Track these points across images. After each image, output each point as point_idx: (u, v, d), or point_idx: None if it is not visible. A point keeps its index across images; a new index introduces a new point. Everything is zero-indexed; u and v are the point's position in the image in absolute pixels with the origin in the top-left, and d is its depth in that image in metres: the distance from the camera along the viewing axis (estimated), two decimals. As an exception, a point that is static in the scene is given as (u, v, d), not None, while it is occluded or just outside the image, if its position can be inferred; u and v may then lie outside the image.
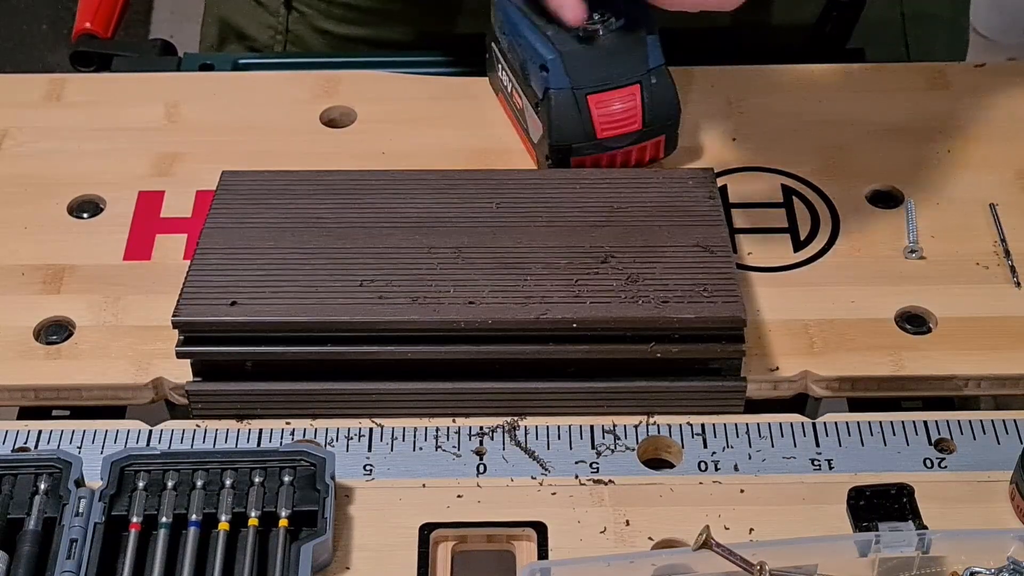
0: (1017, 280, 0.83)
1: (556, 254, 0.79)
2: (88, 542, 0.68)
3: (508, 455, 0.75)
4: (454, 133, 0.94)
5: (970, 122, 0.94)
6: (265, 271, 0.78)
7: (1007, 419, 0.76)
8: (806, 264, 0.85)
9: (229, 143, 0.93)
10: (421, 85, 0.98)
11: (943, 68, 0.98)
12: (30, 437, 0.76)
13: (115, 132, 0.95)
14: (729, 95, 0.96)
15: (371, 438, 0.76)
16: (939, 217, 0.87)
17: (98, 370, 0.79)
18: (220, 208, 0.82)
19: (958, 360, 0.79)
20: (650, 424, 0.77)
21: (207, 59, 1.04)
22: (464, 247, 0.79)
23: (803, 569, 0.68)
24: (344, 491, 0.73)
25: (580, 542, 0.71)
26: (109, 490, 0.70)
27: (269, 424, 0.77)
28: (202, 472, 0.71)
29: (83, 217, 0.89)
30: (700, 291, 0.76)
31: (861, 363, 0.79)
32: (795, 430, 0.76)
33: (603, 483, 0.74)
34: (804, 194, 0.89)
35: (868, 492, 0.72)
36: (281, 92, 0.98)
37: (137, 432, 0.76)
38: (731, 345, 0.76)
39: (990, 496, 0.73)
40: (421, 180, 0.84)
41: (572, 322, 0.75)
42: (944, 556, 0.69)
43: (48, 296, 0.83)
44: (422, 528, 0.71)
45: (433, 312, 0.75)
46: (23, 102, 0.97)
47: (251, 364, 0.77)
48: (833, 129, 0.94)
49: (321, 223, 0.81)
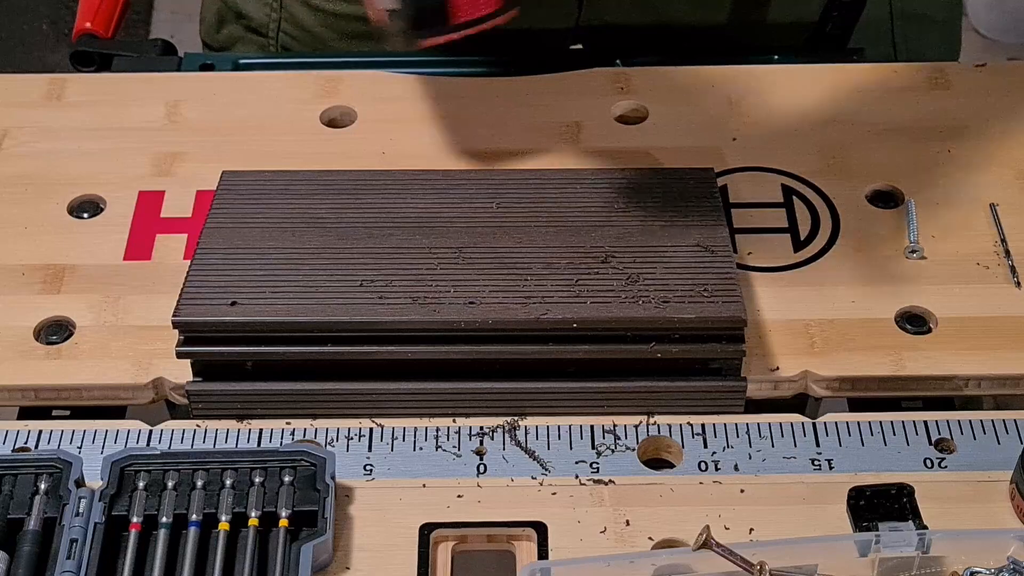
0: (1017, 280, 0.83)
1: (556, 254, 0.79)
2: (88, 542, 0.68)
3: (508, 455, 0.75)
4: (454, 133, 0.94)
5: (970, 122, 0.94)
6: (265, 271, 0.78)
7: (1007, 419, 0.76)
8: (806, 264, 0.85)
9: (229, 143, 0.93)
10: (421, 85, 0.98)
11: (943, 68, 0.98)
12: (30, 437, 0.76)
13: (115, 132, 0.95)
14: (729, 95, 0.96)
15: (371, 438, 0.76)
16: (939, 217, 0.87)
17: (98, 370, 0.79)
18: (220, 208, 0.82)
19: (958, 360, 0.79)
20: (650, 424, 0.77)
21: (207, 59, 1.04)
22: (464, 247, 0.79)
23: (803, 569, 0.68)
24: (344, 491, 0.73)
25: (580, 542, 0.71)
26: (109, 490, 0.70)
27: (269, 424, 0.77)
28: (202, 472, 0.71)
29: (83, 217, 0.89)
30: (700, 291, 0.76)
31: (861, 363, 0.79)
32: (795, 430, 0.76)
33: (603, 483, 0.74)
34: (804, 194, 0.89)
35: (868, 492, 0.72)
36: (281, 92, 0.98)
37: (137, 432, 0.76)
38: (731, 345, 0.76)
39: (990, 496, 0.73)
40: (421, 180, 0.84)
41: (572, 322, 0.75)
42: (944, 556, 0.69)
43: (48, 296, 0.83)
44: (422, 528, 0.71)
45: (433, 312, 0.75)
46: (23, 102, 0.97)
47: (251, 364, 0.77)
48: (833, 129, 0.94)
49: (321, 223, 0.81)
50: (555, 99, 0.96)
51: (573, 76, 0.98)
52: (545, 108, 0.96)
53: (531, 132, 0.94)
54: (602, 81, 0.98)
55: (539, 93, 0.97)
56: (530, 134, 0.93)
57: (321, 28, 1.09)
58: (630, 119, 0.95)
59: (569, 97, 0.96)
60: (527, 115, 0.95)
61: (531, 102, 0.96)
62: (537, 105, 0.96)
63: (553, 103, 0.96)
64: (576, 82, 0.98)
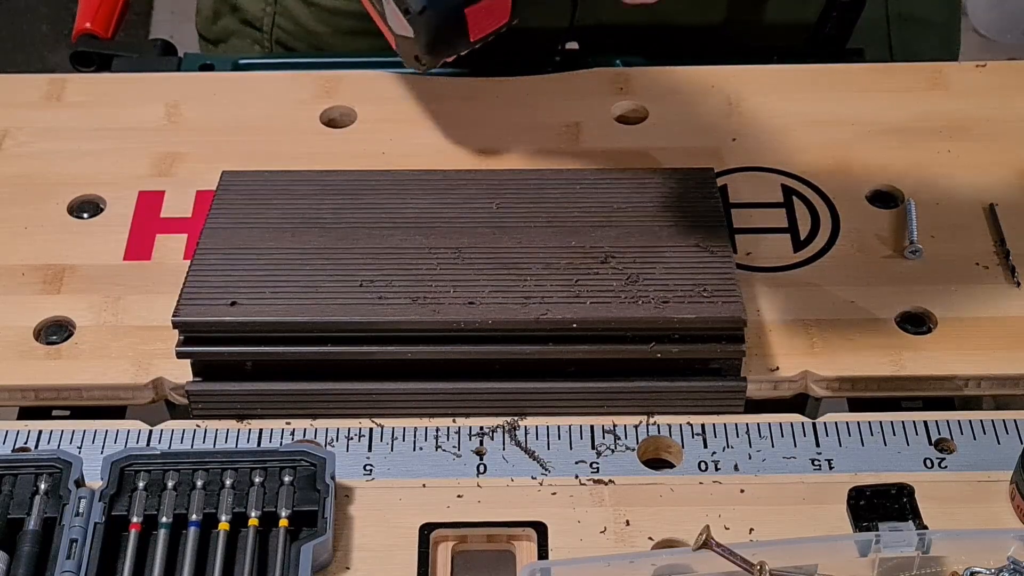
0: (1017, 280, 0.83)
1: (556, 254, 0.79)
2: (88, 542, 0.68)
3: (508, 455, 0.75)
4: (454, 133, 0.94)
5: (970, 122, 0.94)
6: (265, 271, 0.78)
7: (1007, 419, 0.76)
8: (806, 264, 0.85)
9: (229, 143, 0.93)
10: (421, 85, 0.98)
11: (943, 68, 0.98)
12: (30, 437, 0.76)
13: (115, 132, 0.95)
14: (729, 95, 0.96)
15: (371, 438, 0.76)
16: (939, 217, 0.87)
17: (98, 370, 0.79)
18: (220, 208, 0.82)
19: (958, 360, 0.79)
20: (650, 424, 0.77)
21: (207, 59, 1.04)
22: (464, 247, 0.79)
23: (803, 569, 0.68)
24: (344, 491, 0.73)
25: (580, 542, 0.71)
26: (109, 490, 0.70)
27: (269, 424, 0.77)
28: (202, 472, 0.71)
29: (83, 217, 0.89)
30: (700, 291, 0.76)
31: (861, 363, 0.79)
32: (795, 430, 0.76)
33: (603, 483, 0.74)
34: (804, 194, 0.89)
35: (868, 492, 0.72)
36: (281, 92, 0.98)
37: (137, 432, 0.76)
38: (731, 345, 0.76)
39: (990, 496, 0.73)
40: (421, 180, 0.84)
41: (572, 322, 0.75)
42: (944, 556, 0.69)
43: (48, 296, 0.83)
44: (422, 528, 0.71)
45: (433, 312, 0.75)
46: (23, 102, 0.97)
47: (251, 364, 0.77)
48: (833, 129, 0.94)
49: (321, 223, 0.81)
50: (555, 99, 0.96)
51: (573, 76, 0.98)
52: (545, 108, 0.96)
53: (531, 132, 0.94)
54: (602, 81, 0.98)
55: (539, 93, 0.97)
56: (530, 134, 0.93)
57: (316, 23, 1.09)
58: (630, 119, 0.95)
59: (569, 97, 0.96)
60: (527, 115, 0.95)
61: (531, 102, 0.96)
62: (537, 105, 0.96)
63: (553, 103, 0.96)
64: (576, 82, 0.98)
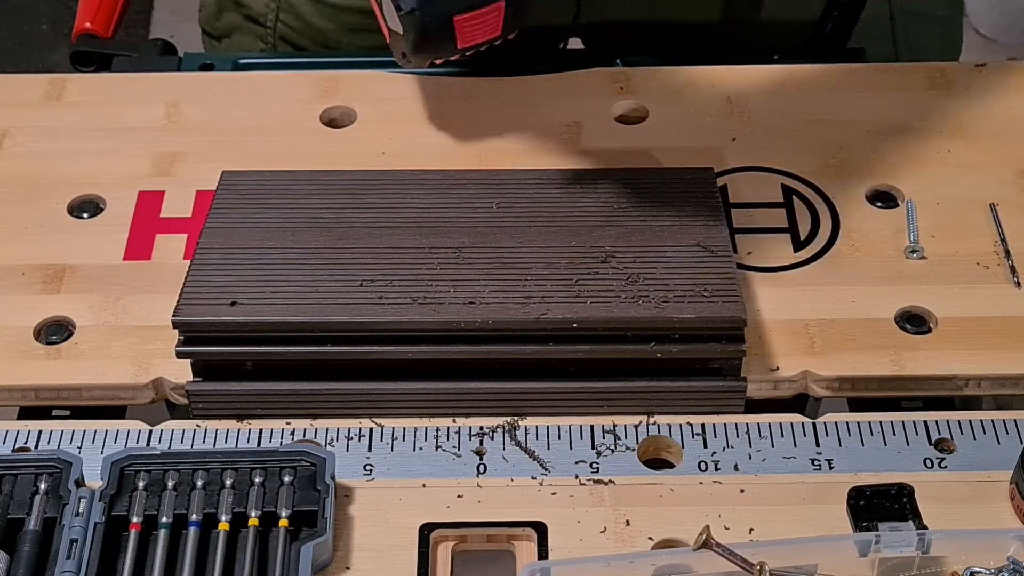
0: (1017, 280, 0.83)
1: (556, 254, 0.79)
2: (88, 542, 0.68)
3: (508, 455, 0.75)
4: (454, 133, 0.94)
5: (970, 122, 0.94)
6: (265, 271, 0.78)
7: (1007, 419, 0.77)
8: (806, 264, 0.85)
9: (229, 143, 0.93)
10: (421, 85, 0.98)
11: (943, 68, 0.98)
12: (30, 437, 0.76)
13: (115, 132, 0.95)
14: (729, 95, 0.96)
15: (371, 438, 0.76)
16: (939, 217, 0.87)
17: (98, 370, 0.79)
18: (220, 208, 0.82)
19: (958, 360, 0.79)
20: (650, 424, 0.77)
21: (207, 59, 1.04)
22: (464, 247, 0.79)
23: (803, 569, 0.68)
24: (344, 491, 0.73)
25: (580, 542, 0.71)
26: (109, 490, 0.70)
27: (269, 424, 0.77)
28: (202, 472, 0.71)
29: (83, 217, 0.89)
30: (700, 291, 0.76)
31: (861, 363, 0.79)
32: (795, 430, 0.76)
33: (603, 483, 0.74)
34: (804, 194, 0.89)
35: (868, 492, 0.72)
36: (281, 92, 0.98)
37: (137, 432, 0.76)
38: (731, 345, 0.76)
39: (990, 496, 0.73)
40: (421, 180, 0.85)
41: (572, 322, 0.75)
42: (944, 556, 0.69)
43: (48, 296, 0.83)
44: (422, 528, 0.71)
45: (433, 312, 0.75)
46: (23, 102, 0.97)
47: (251, 364, 0.77)
48: (833, 129, 0.94)
49: (321, 223, 0.81)
50: (555, 99, 0.96)
51: (573, 76, 0.98)
52: (545, 108, 0.96)
53: (531, 132, 0.94)
54: (602, 81, 0.98)
55: (539, 93, 0.97)
56: (530, 134, 0.93)
57: (320, 19, 1.09)
58: (630, 119, 0.95)
59: (569, 97, 0.96)
60: (527, 115, 0.95)
61: (531, 102, 0.96)
62: (537, 105, 0.96)
63: (553, 103, 0.96)
64: (576, 82, 0.98)
